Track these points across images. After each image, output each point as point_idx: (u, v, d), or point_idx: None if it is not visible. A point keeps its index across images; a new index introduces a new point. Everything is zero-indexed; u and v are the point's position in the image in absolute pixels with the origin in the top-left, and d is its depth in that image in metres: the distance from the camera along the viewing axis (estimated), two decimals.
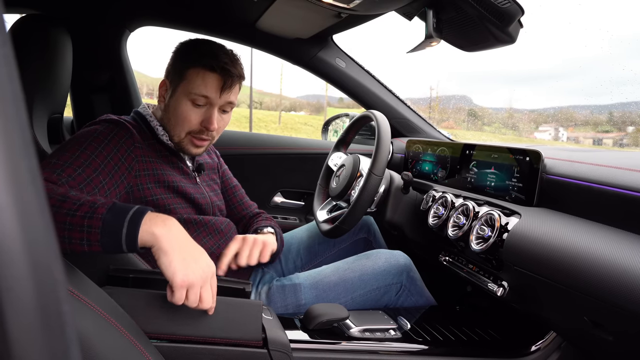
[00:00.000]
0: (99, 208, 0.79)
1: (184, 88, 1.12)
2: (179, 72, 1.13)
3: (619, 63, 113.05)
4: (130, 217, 0.79)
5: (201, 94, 1.11)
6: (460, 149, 1.42)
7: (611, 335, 0.85)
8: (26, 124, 0.23)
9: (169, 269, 0.79)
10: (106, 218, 0.78)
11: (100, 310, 0.70)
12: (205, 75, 1.11)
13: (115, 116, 1.12)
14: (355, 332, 1.10)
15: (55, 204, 0.78)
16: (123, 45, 1.79)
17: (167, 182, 1.12)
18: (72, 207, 0.78)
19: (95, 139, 1.00)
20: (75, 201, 0.79)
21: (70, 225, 0.77)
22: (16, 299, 0.21)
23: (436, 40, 1.18)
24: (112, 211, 0.79)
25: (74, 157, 0.94)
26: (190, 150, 1.18)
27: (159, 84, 1.20)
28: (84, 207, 0.78)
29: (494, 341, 1.17)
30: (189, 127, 1.14)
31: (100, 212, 0.78)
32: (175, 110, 1.14)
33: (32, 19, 1.17)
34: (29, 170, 0.23)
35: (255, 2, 1.44)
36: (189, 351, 0.89)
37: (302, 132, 22.92)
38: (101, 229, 0.77)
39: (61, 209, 0.78)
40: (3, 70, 0.22)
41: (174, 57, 1.17)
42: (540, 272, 0.94)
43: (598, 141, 18.54)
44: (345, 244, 1.55)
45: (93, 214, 0.78)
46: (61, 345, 0.23)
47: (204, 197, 1.24)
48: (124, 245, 0.78)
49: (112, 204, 0.80)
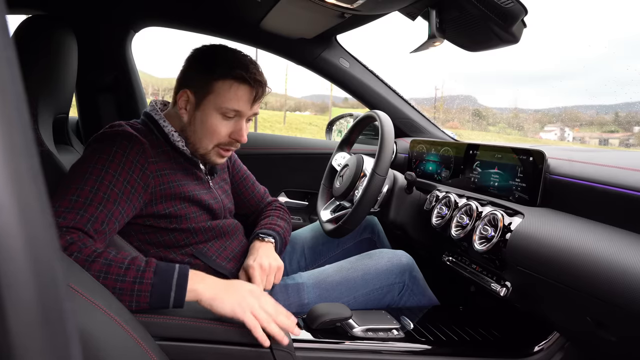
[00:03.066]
0: (147, 272, 0.86)
1: (214, 101, 1.07)
2: (205, 84, 1.08)
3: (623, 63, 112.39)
4: (177, 280, 0.87)
5: (233, 108, 1.07)
6: (463, 149, 1.41)
7: (614, 335, 0.84)
8: (28, 124, 0.24)
9: (225, 309, 0.87)
10: (155, 283, 0.85)
11: (105, 309, 0.70)
12: (237, 88, 1.07)
13: (127, 126, 1.08)
14: (358, 332, 1.10)
15: (102, 269, 0.84)
16: (128, 46, 1.80)
17: (182, 194, 1.10)
18: (120, 272, 0.84)
19: (111, 164, 0.98)
20: (120, 264, 0.85)
21: (120, 290, 0.83)
22: (17, 296, 0.21)
23: (439, 40, 1.18)
24: (159, 275, 0.86)
25: (93, 191, 0.94)
26: (216, 160, 1.16)
27: (175, 90, 1.14)
28: (131, 272, 0.85)
29: (497, 341, 1.17)
30: (218, 140, 1.11)
31: (149, 277, 0.85)
32: (204, 123, 1.09)
33: (38, 20, 1.18)
34: (30, 169, 0.23)
35: (259, 3, 1.44)
36: (192, 351, 0.89)
37: (306, 132, 22.92)
38: (151, 292, 0.85)
39: (109, 274, 0.84)
40: (6, 73, 0.22)
41: (194, 66, 1.12)
42: (543, 272, 0.93)
43: (604, 141, 18.42)
44: (350, 244, 1.55)
45: (142, 279, 0.85)
46: (62, 341, 0.24)
47: (217, 201, 1.22)
48: (170, 305, 0.86)
49: (155, 265, 0.88)
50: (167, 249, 1.13)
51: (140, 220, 1.08)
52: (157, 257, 1.12)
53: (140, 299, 0.84)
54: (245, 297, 0.90)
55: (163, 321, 0.88)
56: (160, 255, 1.12)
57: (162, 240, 1.12)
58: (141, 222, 1.08)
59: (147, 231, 1.10)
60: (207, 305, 0.88)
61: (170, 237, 1.12)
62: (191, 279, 0.89)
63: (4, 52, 0.22)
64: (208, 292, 0.89)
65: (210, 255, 1.18)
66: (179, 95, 1.12)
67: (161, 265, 0.89)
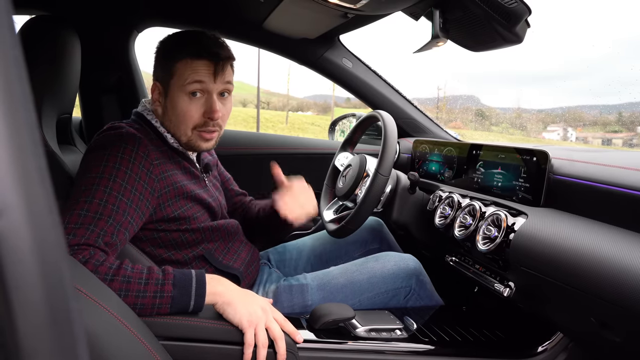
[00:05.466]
0: (166, 286, 0.89)
1: (177, 83, 1.08)
2: (167, 70, 1.09)
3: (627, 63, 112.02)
4: (196, 290, 0.91)
5: (194, 80, 1.07)
6: (467, 149, 1.41)
7: (618, 336, 0.84)
8: (35, 124, 0.24)
9: (235, 317, 0.92)
10: (175, 295, 0.89)
11: (109, 309, 0.70)
12: (194, 64, 1.07)
13: (128, 127, 1.08)
14: (361, 332, 1.10)
15: (122, 287, 0.86)
16: (131, 46, 1.80)
17: (185, 194, 1.11)
18: (140, 289, 0.87)
19: (118, 172, 0.97)
20: (138, 280, 0.88)
21: (142, 306, 0.87)
22: (25, 297, 0.21)
23: (443, 40, 1.18)
24: (178, 287, 0.90)
25: (102, 203, 0.93)
26: (201, 145, 1.14)
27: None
28: (150, 287, 0.88)
29: (500, 342, 1.17)
30: (193, 122, 1.11)
31: (169, 291, 0.89)
32: (175, 108, 1.10)
33: (41, 21, 1.18)
34: (38, 169, 0.23)
35: (262, 3, 1.44)
36: (196, 350, 0.90)
37: (309, 132, 22.93)
38: (171, 304, 0.89)
39: (129, 291, 0.87)
40: (13, 72, 0.23)
41: (157, 56, 1.13)
42: (546, 273, 0.93)
43: (607, 141, 18.38)
44: (356, 255, 1.52)
45: (162, 292, 0.89)
46: (69, 341, 0.24)
47: (215, 199, 1.23)
48: (190, 310, 0.91)
49: (173, 277, 0.91)
50: (179, 251, 1.14)
51: (152, 226, 1.08)
52: (169, 260, 1.12)
53: (161, 311, 0.89)
54: (257, 311, 0.93)
55: (167, 321, 0.88)
56: (172, 258, 1.13)
57: (174, 243, 1.13)
58: (153, 227, 1.09)
59: (159, 235, 1.11)
60: (220, 308, 0.93)
61: (182, 239, 1.13)
62: (209, 283, 0.93)
63: (11, 51, 0.22)
64: (225, 297, 0.93)
65: (217, 257, 1.19)
66: (151, 90, 1.14)
67: (178, 276, 0.92)
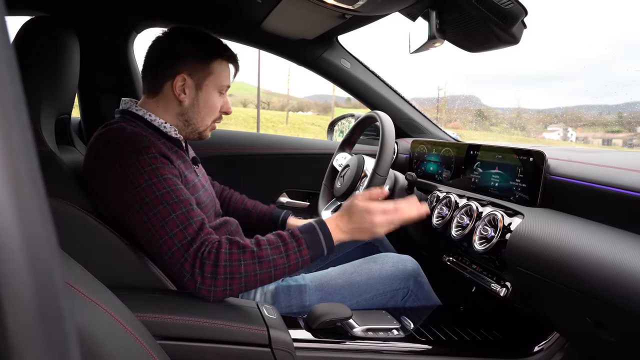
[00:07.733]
0: (303, 250, 0.99)
1: (214, 81, 1.18)
2: (204, 67, 1.17)
3: (623, 64, 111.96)
4: (324, 237, 1.02)
5: (227, 84, 1.22)
6: (464, 149, 1.41)
7: (613, 336, 0.84)
8: (27, 125, 0.24)
9: (367, 239, 1.09)
10: (312, 256, 1.00)
11: (106, 308, 0.71)
12: (227, 67, 1.22)
13: (127, 126, 1.07)
14: (359, 332, 1.10)
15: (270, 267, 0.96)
16: (130, 47, 1.80)
17: (192, 182, 1.15)
18: (284, 262, 0.97)
19: (157, 170, 0.99)
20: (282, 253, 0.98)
21: (290, 271, 0.99)
22: (15, 295, 0.22)
23: (439, 41, 1.18)
24: (311, 247, 1.00)
25: (176, 200, 0.98)
26: (208, 135, 1.26)
27: (159, 80, 1.15)
28: (291, 256, 0.98)
29: (497, 341, 1.17)
30: (214, 116, 1.23)
31: (306, 254, 0.99)
32: (207, 102, 1.19)
33: (40, 22, 1.18)
34: (29, 169, 0.23)
35: (260, 4, 1.44)
36: (193, 350, 0.90)
37: (309, 132, 22.93)
38: (310, 261, 1.01)
39: (277, 267, 0.97)
40: (5, 72, 0.23)
41: (192, 53, 1.15)
42: (543, 273, 0.94)
43: (607, 141, 18.39)
44: (350, 249, 1.56)
45: (303, 257, 0.99)
46: (60, 339, 0.24)
47: (205, 190, 1.24)
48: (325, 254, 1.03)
49: (302, 240, 1.00)
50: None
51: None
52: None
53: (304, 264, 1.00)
54: (374, 223, 1.05)
55: (164, 320, 0.89)
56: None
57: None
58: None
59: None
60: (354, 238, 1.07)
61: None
62: (330, 224, 1.05)
63: (3, 51, 0.23)
64: (347, 237, 1.06)
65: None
66: (175, 82, 1.14)
67: (304, 232, 1.01)
